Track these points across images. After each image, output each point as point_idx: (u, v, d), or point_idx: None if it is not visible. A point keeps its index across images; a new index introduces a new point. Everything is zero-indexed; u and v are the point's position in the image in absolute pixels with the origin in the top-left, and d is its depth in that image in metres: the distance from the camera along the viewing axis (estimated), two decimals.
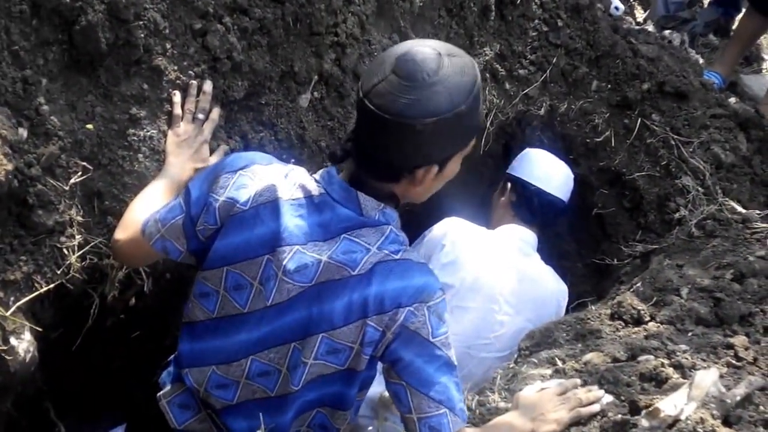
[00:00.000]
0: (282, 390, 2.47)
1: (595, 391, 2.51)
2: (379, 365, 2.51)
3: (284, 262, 2.37)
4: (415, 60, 2.25)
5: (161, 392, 2.66)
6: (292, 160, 3.02)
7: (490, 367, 3.57)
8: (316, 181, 2.46)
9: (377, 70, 2.28)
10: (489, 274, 3.63)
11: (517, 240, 3.87)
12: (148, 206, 2.60)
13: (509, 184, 4.08)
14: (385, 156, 2.33)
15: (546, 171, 4.05)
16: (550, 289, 3.82)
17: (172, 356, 2.73)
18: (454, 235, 3.68)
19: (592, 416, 2.33)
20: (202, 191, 2.47)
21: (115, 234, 2.63)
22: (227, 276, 2.44)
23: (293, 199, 2.41)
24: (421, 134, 2.24)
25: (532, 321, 3.64)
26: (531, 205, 3.97)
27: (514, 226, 3.93)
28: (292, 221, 2.39)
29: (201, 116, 2.89)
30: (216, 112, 2.95)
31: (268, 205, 2.39)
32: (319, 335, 2.39)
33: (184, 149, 2.83)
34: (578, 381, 2.59)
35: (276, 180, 2.44)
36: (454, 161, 2.43)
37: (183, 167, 2.80)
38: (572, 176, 4.14)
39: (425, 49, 2.30)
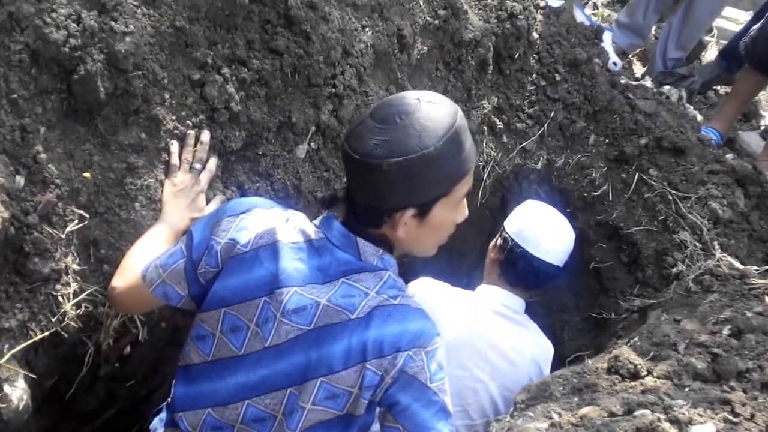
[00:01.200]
0: None
1: None
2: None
3: (283, 303, 2.39)
4: (392, 104, 2.32)
5: None
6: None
7: None
8: (315, 226, 2.50)
9: (360, 116, 2.35)
10: (458, 339, 3.44)
11: (495, 303, 3.63)
12: (145, 254, 2.62)
13: (500, 240, 3.76)
14: (363, 198, 2.39)
15: (536, 232, 3.65)
16: (528, 353, 3.59)
17: (165, 403, 2.72)
18: (422, 297, 3.40)
19: None
20: (204, 235, 2.49)
21: (112, 282, 2.63)
22: (224, 318, 2.45)
23: (293, 243, 2.44)
24: (389, 174, 2.28)
25: (509, 389, 3.53)
26: (515, 269, 3.64)
27: (494, 289, 3.69)
28: (291, 264, 2.42)
29: (198, 166, 2.90)
30: (213, 162, 2.96)
31: (268, 247, 2.42)
32: (318, 380, 2.39)
33: (181, 199, 2.84)
34: None
35: (276, 223, 2.48)
36: (439, 209, 2.42)
37: (180, 216, 2.81)
38: (572, 238, 3.77)
39: (408, 95, 2.37)
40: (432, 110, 2.31)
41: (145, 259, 2.59)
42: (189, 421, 2.55)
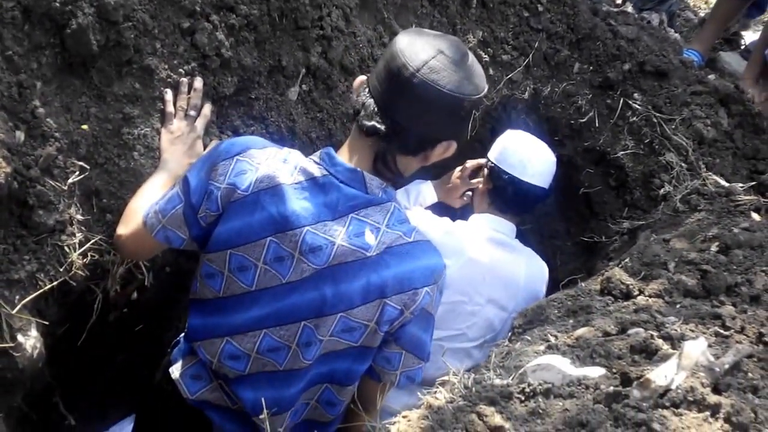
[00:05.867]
0: (291, 365, 2.59)
1: None
2: None
3: (299, 243, 2.46)
4: (454, 43, 2.46)
5: (173, 367, 2.76)
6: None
7: (466, 357, 3.62)
8: (316, 163, 2.53)
9: (418, 50, 2.40)
10: (457, 268, 3.53)
11: (488, 230, 3.74)
12: (147, 201, 2.66)
13: (486, 171, 3.91)
14: (423, 128, 2.46)
15: (521, 158, 3.78)
16: (522, 275, 3.72)
17: (182, 335, 2.82)
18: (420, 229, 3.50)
19: (585, 389, 2.37)
20: (201, 179, 2.52)
21: (117, 230, 2.69)
22: (230, 258, 2.52)
23: (296, 183, 2.49)
24: (462, 110, 2.44)
25: (506, 309, 3.68)
26: (505, 194, 3.78)
27: (487, 216, 3.81)
28: (298, 204, 2.47)
29: (193, 113, 2.94)
30: (208, 108, 3.00)
31: (269, 190, 2.46)
32: (338, 315, 2.52)
33: (178, 145, 2.88)
34: None
35: (275, 165, 2.51)
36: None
37: (179, 163, 2.85)
38: (554, 160, 3.89)
39: (450, 36, 2.53)
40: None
41: (145, 206, 2.64)
42: (207, 350, 2.65)
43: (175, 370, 2.75)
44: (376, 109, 2.46)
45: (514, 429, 2.18)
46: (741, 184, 4.02)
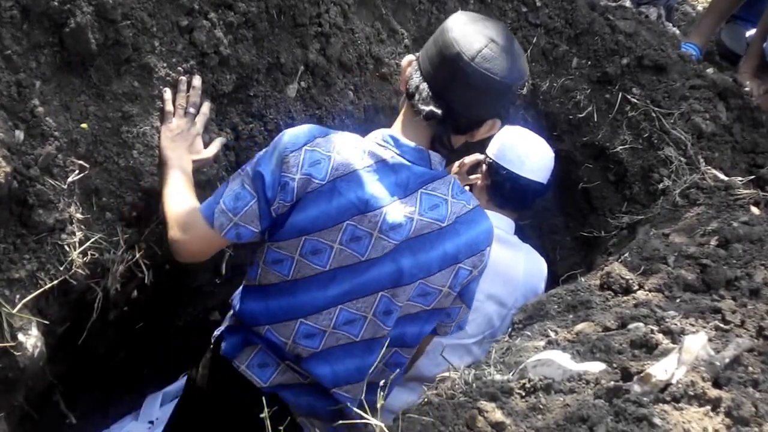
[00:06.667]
0: (371, 334, 2.79)
1: None
2: None
3: (379, 223, 2.63)
4: (503, 28, 2.62)
5: (234, 360, 2.84)
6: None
7: (466, 353, 3.62)
8: (380, 145, 2.68)
9: (471, 39, 2.54)
10: None
11: None
12: (188, 202, 2.73)
13: (484, 166, 3.95)
14: (476, 111, 2.65)
15: (519, 153, 3.82)
16: (521, 271, 3.77)
17: (222, 328, 2.93)
18: None
19: (585, 384, 2.37)
20: (275, 174, 2.61)
21: (172, 235, 2.71)
22: (304, 243, 2.64)
23: (367, 167, 2.64)
24: (510, 92, 2.66)
25: (505, 305, 3.71)
26: (503, 190, 3.83)
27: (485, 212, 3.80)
28: (374, 186, 2.64)
29: (192, 110, 2.95)
30: (206, 106, 3.01)
31: (345, 177, 2.62)
32: (417, 282, 2.73)
33: (179, 143, 2.89)
34: None
35: (346, 152, 2.65)
36: None
37: (182, 160, 2.87)
38: (552, 156, 3.94)
39: (496, 21, 2.73)
40: None
41: (191, 207, 2.71)
42: (280, 333, 2.76)
43: (240, 364, 2.83)
44: (431, 93, 2.62)
45: (514, 424, 2.19)
46: (740, 178, 4.02)
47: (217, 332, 2.95)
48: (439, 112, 2.59)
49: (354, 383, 2.82)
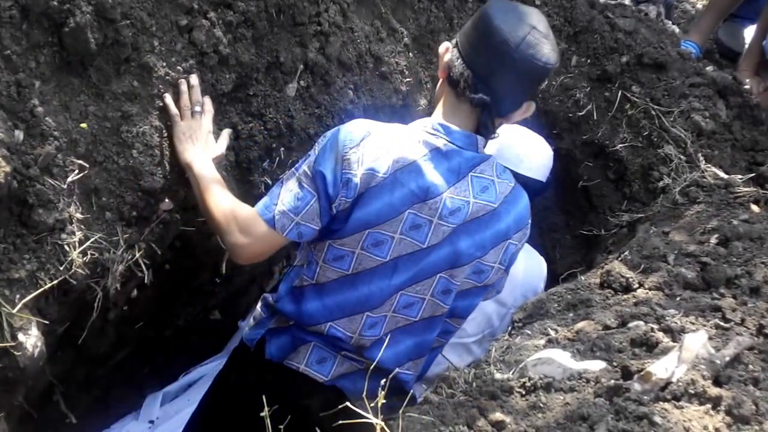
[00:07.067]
0: (430, 313, 2.90)
1: None
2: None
3: (439, 209, 2.73)
4: (540, 15, 2.72)
5: (292, 362, 2.88)
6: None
7: (465, 352, 3.63)
8: (431, 134, 2.78)
9: (515, 26, 2.65)
10: None
11: None
12: (237, 205, 2.79)
13: None
14: (518, 95, 2.78)
15: (518, 151, 3.78)
16: (521, 270, 3.73)
17: (261, 331, 2.93)
18: None
19: (586, 382, 2.37)
20: (335, 172, 2.66)
21: (234, 240, 2.75)
22: (367, 237, 2.72)
23: (423, 156, 2.73)
24: (548, 74, 2.79)
25: (504, 304, 3.71)
26: None
27: None
28: (432, 174, 2.72)
29: (198, 109, 2.95)
30: (209, 103, 3.01)
31: (404, 169, 2.69)
32: (474, 262, 2.85)
33: (195, 143, 2.91)
34: None
35: (403, 145, 2.73)
36: None
37: (204, 161, 2.88)
38: (550, 154, 3.92)
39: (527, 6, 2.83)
40: None
41: (246, 210, 2.76)
42: (346, 327, 2.84)
43: (299, 364, 2.87)
44: (475, 80, 2.71)
45: (515, 423, 2.19)
46: (740, 176, 4.02)
47: (253, 335, 2.96)
48: (487, 98, 2.69)
49: (415, 359, 2.96)
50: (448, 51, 2.83)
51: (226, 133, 3.07)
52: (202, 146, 2.91)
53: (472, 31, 2.73)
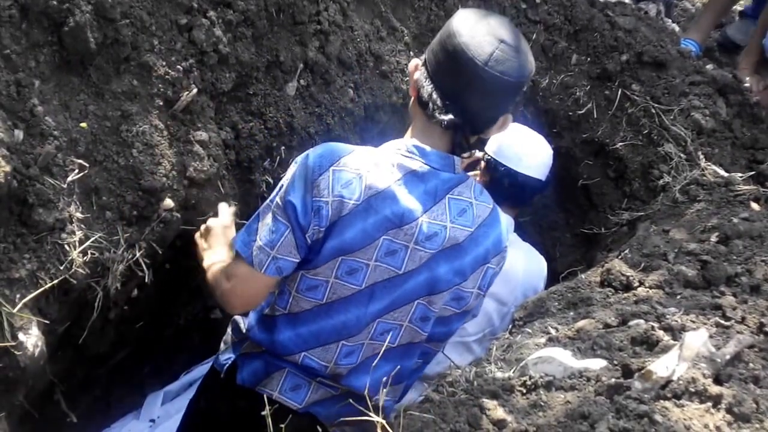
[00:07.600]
0: (408, 339, 2.76)
1: None
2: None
3: (415, 234, 2.57)
4: (509, 27, 2.56)
5: (265, 388, 2.77)
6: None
7: (466, 351, 3.63)
8: (406, 156, 2.59)
9: (482, 42, 2.47)
10: None
11: None
12: (227, 258, 2.76)
13: (483, 164, 3.87)
14: (491, 111, 2.58)
15: (517, 150, 3.77)
16: (521, 270, 3.74)
17: (231, 356, 2.86)
18: None
19: (586, 381, 2.37)
20: (305, 200, 2.51)
21: (219, 289, 2.68)
22: (340, 265, 2.57)
23: (397, 181, 2.55)
24: (521, 89, 2.59)
25: (505, 303, 3.69)
26: (501, 187, 3.71)
27: None
28: (405, 200, 2.55)
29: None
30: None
31: (378, 195, 2.53)
32: (453, 288, 2.68)
33: (214, 239, 2.93)
34: None
35: (376, 169, 2.55)
36: None
37: (222, 247, 2.90)
38: (550, 152, 3.89)
39: (502, 17, 2.69)
40: None
41: (229, 257, 2.73)
42: (320, 357, 2.71)
43: (272, 391, 2.76)
44: (445, 101, 2.52)
45: (516, 422, 2.19)
46: (740, 174, 4.02)
47: (223, 360, 2.88)
48: (458, 120, 2.50)
49: (394, 385, 2.79)
50: (417, 69, 2.64)
51: (222, 207, 3.04)
52: (223, 241, 2.91)
53: (439, 48, 2.55)
